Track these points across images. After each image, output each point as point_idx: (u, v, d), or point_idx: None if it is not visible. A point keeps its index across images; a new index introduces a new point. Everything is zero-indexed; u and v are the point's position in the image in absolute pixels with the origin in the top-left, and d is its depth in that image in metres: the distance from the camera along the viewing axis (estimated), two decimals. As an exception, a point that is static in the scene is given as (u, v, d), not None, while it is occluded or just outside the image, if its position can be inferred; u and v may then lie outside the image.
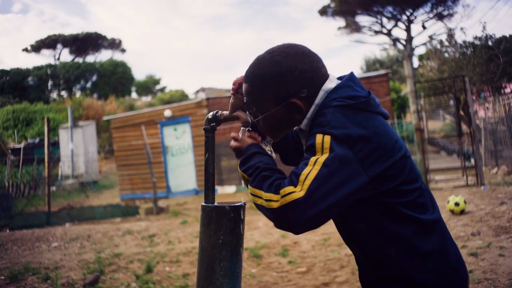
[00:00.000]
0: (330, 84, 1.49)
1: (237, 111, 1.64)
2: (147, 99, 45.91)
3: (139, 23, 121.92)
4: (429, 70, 20.33)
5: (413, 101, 11.55)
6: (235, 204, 1.59)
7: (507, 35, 18.64)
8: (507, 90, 18.01)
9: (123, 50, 44.06)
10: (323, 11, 39.85)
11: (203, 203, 1.65)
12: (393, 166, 1.38)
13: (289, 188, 1.29)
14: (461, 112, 14.71)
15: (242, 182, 1.52)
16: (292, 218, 1.27)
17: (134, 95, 46.18)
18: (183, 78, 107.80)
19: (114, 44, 42.90)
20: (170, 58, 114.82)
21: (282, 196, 1.29)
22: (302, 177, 1.30)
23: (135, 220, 10.61)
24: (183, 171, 17.04)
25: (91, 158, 21.12)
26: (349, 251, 5.93)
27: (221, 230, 1.57)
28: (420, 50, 54.64)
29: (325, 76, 1.51)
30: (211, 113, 1.72)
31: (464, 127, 15.86)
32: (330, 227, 7.46)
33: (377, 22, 39.84)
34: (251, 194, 1.40)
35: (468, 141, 13.56)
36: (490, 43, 18.27)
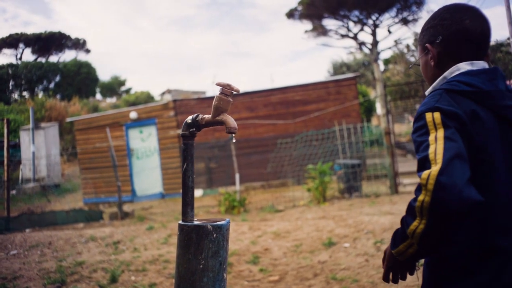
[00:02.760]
0: (470, 66, 1.50)
1: (221, 114, 1.44)
2: (112, 100, 45.14)
3: (104, 23, 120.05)
4: (395, 74, 20.55)
5: (382, 104, 11.54)
6: (218, 223, 1.38)
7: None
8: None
9: (88, 51, 43.06)
10: (290, 14, 40.04)
11: (181, 222, 1.44)
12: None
13: (426, 173, 1.27)
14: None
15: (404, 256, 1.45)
16: (450, 194, 1.21)
17: (98, 96, 45.36)
18: (149, 80, 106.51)
19: (79, 44, 41.98)
20: (135, 59, 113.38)
21: (425, 185, 1.26)
22: (431, 156, 1.30)
23: (99, 226, 10.26)
24: (148, 174, 16.72)
25: (53, 161, 20.52)
26: (322, 258, 5.79)
27: (202, 254, 1.36)
28: (386, 54, 55.57)
29: (477, 47, 1.52)
30: (190, 117, 1.51)
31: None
32: (301, 232, 7.32)
33: (343, 26, 40.21)
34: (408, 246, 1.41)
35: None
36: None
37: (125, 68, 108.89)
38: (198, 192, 15.83)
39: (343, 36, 40.92)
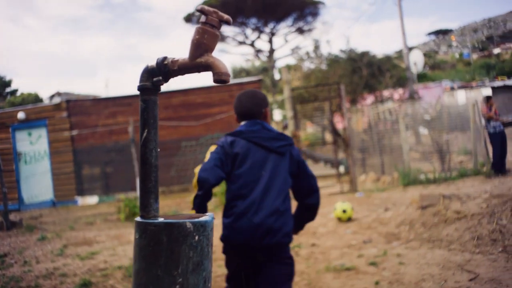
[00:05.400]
0: (244, 122, 2.75)
1: (205, 54, 0.95)
2: (-6, 102, 41.96)
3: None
4: (295, 79, 20.81)
5: (289, 107, 11.46)
6: (201, 219, 0.88)
7: (369, 50, 19.72)
8: (368, 101, 18.97)
9: (-33, 48, 39.85)
10: (188, 19, 39.70)
11: (139, 218, 0.93)
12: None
13: (197, 166, 2.59)
14: (326, 121, 15.14)
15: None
16: (199, 177, 2.46)
17: (-21, 97, 41.96)
18: (38, 82, 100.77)
19: (-44, 40, 38.66)
20: (22, 60, 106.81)
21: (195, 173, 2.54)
22: (204, 159, 2.63)
23: (-19, 237, 9.17)
24: (38, 180, 15.48)
25: None
26: (239, 265, 5.41)
27: (179, 267, 0.85)
28: (283, 62, 56.99)
29: (246, 115, 2.78)
30: (154, 61, 0.97)
31: (328, 136, 16.37)
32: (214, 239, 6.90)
33: (241, 33, 40.60)
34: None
35: (333, 149, 13.78)
36: (353, 55, 19.15)
37: (10, 68, 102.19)
38: (93, 199, 14.93)
39: (240, 43, 41.28)
